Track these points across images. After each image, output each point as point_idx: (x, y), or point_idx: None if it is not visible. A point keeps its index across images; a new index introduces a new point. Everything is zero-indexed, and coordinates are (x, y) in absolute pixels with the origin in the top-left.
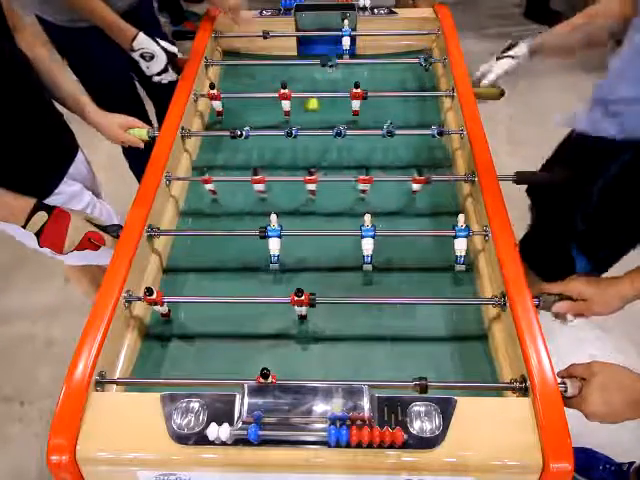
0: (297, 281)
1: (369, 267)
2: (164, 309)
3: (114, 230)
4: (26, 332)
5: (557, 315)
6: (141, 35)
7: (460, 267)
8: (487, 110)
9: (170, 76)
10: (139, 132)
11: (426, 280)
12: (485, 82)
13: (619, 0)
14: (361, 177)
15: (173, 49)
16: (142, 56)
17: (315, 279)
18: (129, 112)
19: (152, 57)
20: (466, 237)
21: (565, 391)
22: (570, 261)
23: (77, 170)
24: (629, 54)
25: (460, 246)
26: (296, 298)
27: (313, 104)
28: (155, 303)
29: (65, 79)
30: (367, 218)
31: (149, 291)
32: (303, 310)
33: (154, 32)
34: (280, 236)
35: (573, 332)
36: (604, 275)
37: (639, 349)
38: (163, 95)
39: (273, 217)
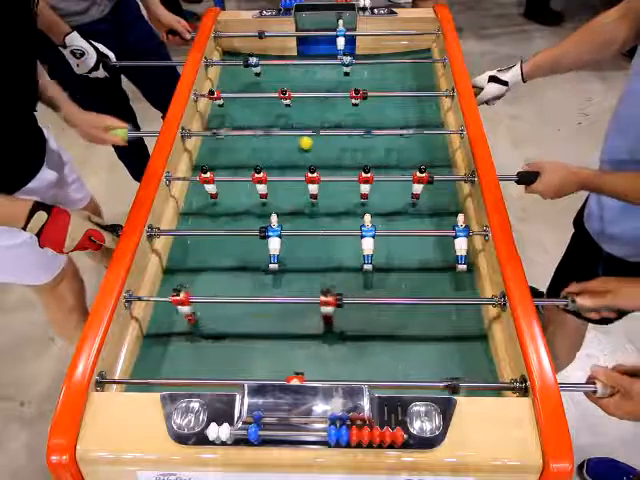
0: (296, 281)
1: (369, 267)
2: (188, 310)
3: (114, 229)
4: (26, 332)
5: (584, 313)
6: (74, 33)
7: (462, 267)
8: (487, 110)
9: (100, 74)
10: (118, 132)
11: (426, 280)
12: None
13: (617, 22)
14: (362, 175)
15: (107, 52)
16: (72, 53)
17: (314, 279)
18: (112, 111)
19: (82, 54)
20: (466, 237)
21: (594, 392)
22: None
23: (37, 186)
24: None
25: (461, 246)
26: (322, 298)
27: (307, 144)
28: (181, 304)
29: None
30: (367, 218)
31: (176, 291)
32: (330, 311)
33: (138, 28)
34: (280, 236)
35: None
36: None
37: (639, 349)
38: (163, 99)
39: (274, 217)
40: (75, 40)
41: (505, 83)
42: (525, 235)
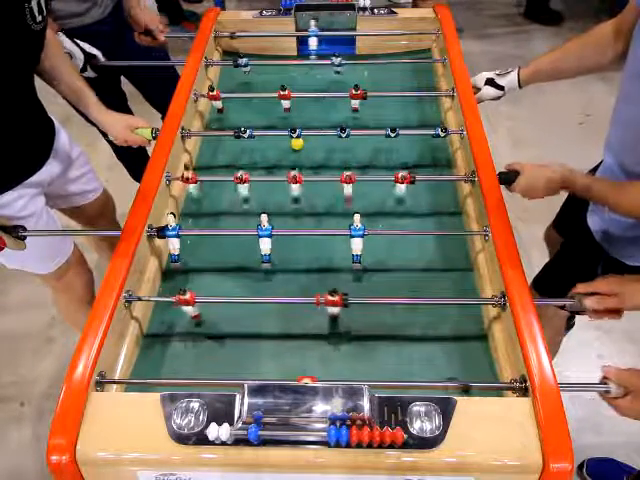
0: (296, 281)
1: (358, 266)
2: (194, 310)
3: (16, 230)
4: (26, 332)
5: (589, 313)
6: (61, 34)
7: (357, 266)
8: (487, 110)
9: (89, 74)
10: (143, 132)
11: (426, 280)
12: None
13: (613, 34)
14: (345, 174)
15: (93, 51)
16: None
17: (309, 279)
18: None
19: (70, 58)
20: (361, 237)
21: (608, 392)
22: None
23: (40, 179)
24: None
25: (356, 246)
26: (330, 298)
27: (298, 145)
28: (187, 304)
29: (69, 69)
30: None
31: (182, 291)
32: (335, 310)
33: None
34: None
35: (573, 333)
36: None
37: (639, 349)
38: (163, 99)
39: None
40: (63, 42)
41: (501, 88)
42: (525, 235)
